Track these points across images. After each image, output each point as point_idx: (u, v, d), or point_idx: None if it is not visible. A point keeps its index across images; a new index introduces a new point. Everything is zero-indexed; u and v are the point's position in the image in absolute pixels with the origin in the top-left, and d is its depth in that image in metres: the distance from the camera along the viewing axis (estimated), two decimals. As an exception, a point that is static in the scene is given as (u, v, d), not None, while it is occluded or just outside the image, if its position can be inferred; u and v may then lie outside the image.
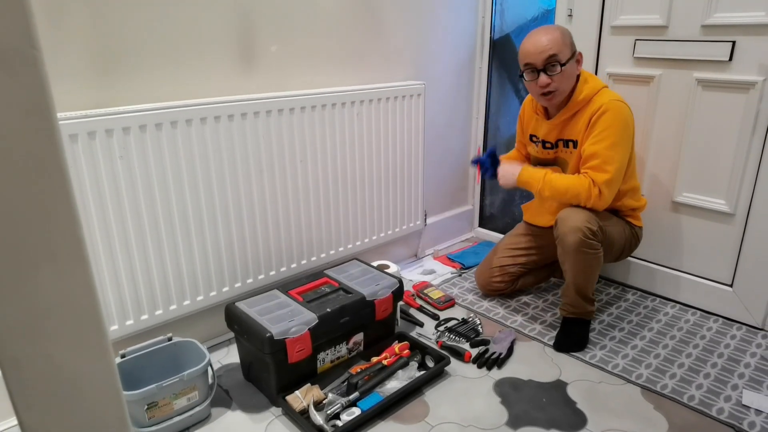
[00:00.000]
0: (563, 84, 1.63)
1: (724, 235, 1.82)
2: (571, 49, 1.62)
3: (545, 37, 1.60)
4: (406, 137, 2.05)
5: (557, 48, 1.59)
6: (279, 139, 1.66)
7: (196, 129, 1.47)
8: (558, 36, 1.59)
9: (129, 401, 1.26)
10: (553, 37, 1.59)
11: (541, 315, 1.90)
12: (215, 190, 1.55)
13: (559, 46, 1.59)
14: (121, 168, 1.37)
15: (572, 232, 1.57)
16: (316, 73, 1.79)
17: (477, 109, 2.46)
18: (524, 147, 1.96)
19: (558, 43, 1.59)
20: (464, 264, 2.30)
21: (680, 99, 1.82)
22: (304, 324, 1.42)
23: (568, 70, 1.61)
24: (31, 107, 0.34)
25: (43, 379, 0.41)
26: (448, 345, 1.70)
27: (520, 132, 1.93)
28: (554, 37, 1.59)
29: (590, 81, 1.65)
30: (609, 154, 1.58)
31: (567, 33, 1.63)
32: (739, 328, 1.81)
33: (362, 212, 1.99)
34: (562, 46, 1.59)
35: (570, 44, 1.62)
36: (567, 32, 1.63)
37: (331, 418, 1.36)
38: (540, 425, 1.38)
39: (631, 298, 2.02)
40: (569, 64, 1.61)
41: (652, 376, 1.56)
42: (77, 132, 1.28)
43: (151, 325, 1.52)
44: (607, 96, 1.61)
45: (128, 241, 1.42)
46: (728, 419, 1.39)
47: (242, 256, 1.66)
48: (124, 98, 1.41)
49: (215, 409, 1.45)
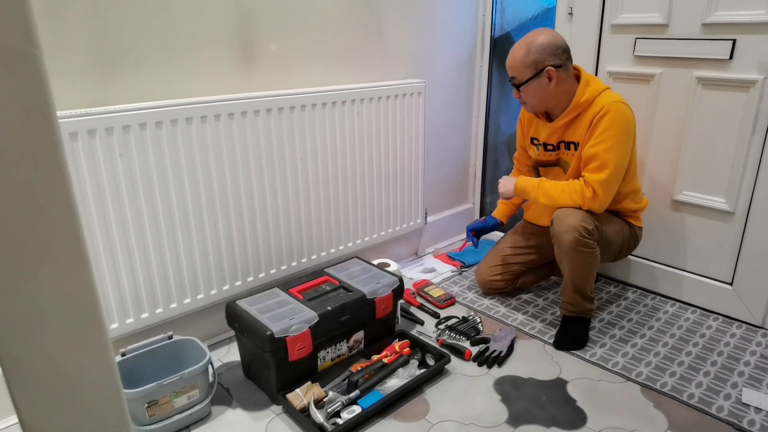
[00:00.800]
0: (531, 99, 1.68)
1: (724, 233, 1.82)
2: (534, 68, 1.61)
3: (510, 56, 1.66)
4: (407, 135, 2.05)
5: (515, 71, 1.65)
6: (279, 138, 1.66)
7: (196, 127, 1.47)
8: (518, 57, 1.63)
9: (129, 399, 1.26)
10: (514, 58, 1.64)
11: (542, 313, 1.90)
12: (215, 188, 1.55)
13: (517, 68, 1.64)
14: (122, 166, 1.37)
15: (568, 232, 1.57)
16: (316, 71, 1.79)
17: (477, 107, 2.46)
18: (522, 152, 1.96)
19: (516, 66, 1.64)
20: (465, 262, 2.30)
21: (680, 97, 1.81)
22: (304, 322, 1.42)
23: (531, 89, 1.65)
24: (31, 106, 0.34)
25: (43, 377, 0.41)
26: (448, 343, 1.70)
27: (521, 136, 1.93)
28: (514, 58, 1.64)
29: (592, 83, 1.65)
30: (608, 156, 1.58)
31: (535, 48, 1.60)
32: (739, 327, 1.81)
33: (362, 210, 1.99)
34: (520, 69, 1.63)
35: (532, 63, 1.61)
36: (536, 47, 1.60)
37: (332, 416, 1.36)
38: (540, 423, 1.38)
39: (632, 296, 2.02)
40: (530, 83, 1.63)
41: (652, 374, 1.56)
42: (77, 130, 1.28)
43: (152, 323, 1.52)
44: (609, 98, 1.61)
45: (128, 239, 1.42)
46: (728, 417, 1.39)
47: (242, 255, 1.67)
48: (124, 96, 1.41)
49: (216, 408, 1.45)
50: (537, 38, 1.61)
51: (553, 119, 1.72)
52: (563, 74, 1.63)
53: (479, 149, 2.52)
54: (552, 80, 1.62)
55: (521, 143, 1.94)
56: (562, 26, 2.05)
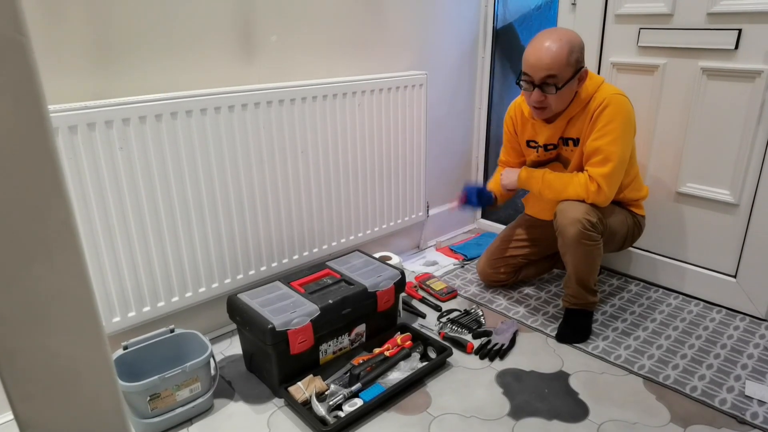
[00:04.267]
0: (557, 103, 1.57)
1: (728, 225, 1.81)
2: (575, 67, 1.52)
3: (549, 53, 1.48)
4: (408, 128, 2.04)
5: (558, 69, 1.49)
6: (280, 130, 1.65)
7: (196, 120, 1.47)
8: (564, 54, 1.48)
9: (131, 392, 1.26)
10: (557, 55, 1.48)
11: (544, 306, 1.90)
12: (216, 181, 1.55)
13: (561, 66, 1.49)
14: (121, 159, 1.37)
15: (572, 224, 1.56)
16: (316, 63, 1.78)
17: (479, 99, 2.44)
18: (513, 155, 1.88)
19: (561, 64, 1.48)
20: (467, 255, 2.30)
21: (685, 88, 1.80)
22: (305, 315, 1.42)
23: (566, 91, 1.54)
24: (20, 95, 0.33)
25: (38, 371, 0.41)
26: (450, 336, 1.69)
27: (510, 138, 1.84)
28: (559, 55, 1.48)
29: (590, 78, 1.63)
30: (611, 150, 1.56)
31: (576, 47, 1.51)
32: (743, 319, 1.80)
33: (364, 203, 1.98)
34: (564, 67, 1.49)
35: (575, 62, 1.51)
36: (577, 46, 1.51)
37: (333, 409, 1.36)
38: (542, 416, 1.38)
39: (634, 289, 2.01)
40: (568, 85, 1.52)
41: (654, 367, 1.56)
42: (77, 123, 1.27)
43: (154, 316, 1.52)
44: (608, 90, 1.59)
45: (129, 232, 1.42)
46: (731, 410, 1.38)
47: (244, 248, 1.66)
48: (123, 89, 1.40)
49: (218, 400, 1.45)
50: (573, 36, 1.52)
51: (553, 120, 1.67)
52: None
53: (481, 141, 2.51)
54: (582, 82, 1.56)
55: (512, 146, 1.86)
56: (566, 16, 2.03)
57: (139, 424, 1.30)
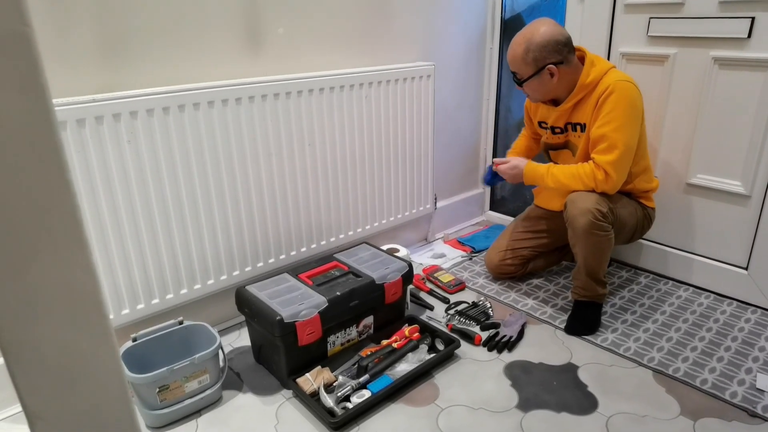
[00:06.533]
0: (534, 93, 1.68)
1: (739, 217, 1.79)
2: (535, 65, 1.59)
3: (510, 51, 1.63)
4: (416, 120, 2.03)
5: (516, 67, 1.63)
6: (287, 123, 1.65)
7: (204, 113, 1.47)
8: (519, 54, 1.60)
9: (140, 384, 1.27)
10: (514, 54, 1.62)
11: (552, 298, 1.89)
12: (224, 174, 1.55)
13: (518, 65, 1.62)
14: (129, 152, 1.37)
15: (582, 215, 1.55)
16: (323, 55, 1.77)
17: (488, 90, 2.42)
18: (531, 132, 1.96)
19: (517, 62, 1.62)
20: (475, 247, 2.29)
21: (696, 78, 1.77)
22: (313, 307, 1.43)
23: (533, 85, 1.64)
24: (24, 86, 0.33)
25: (45, 362, 0.41)
26: (458, 328, 1.69)
27: (528, 119, 1.93)
28: (515, 54, 1.61)
29: (597, 63, 1.62)
30: (616, 137, 1.55)
31: (534, 47, 1.57)
32: (754, 312, 1.78)
33: (371, 196, 1.98)
34: (521, 65, 1.61)
35: (533, 61, 1.58)
36: (535, 45, 1.57)
37: (342, 401, 1.36)
38: (550, 408, 1.38)
39: (644, 281, 2.00)
40: (531, 80, 1.62)
41: (664, 360, 1.55)
42: (85, 117, 1.28)
43: (162, 309, 1.53)
44: (614, 76, 1.58)
45: (138, 225, 1.43)
46: (741, 403, 1.37)
47: (252, 240, 1.67)
48: (131, 83, 1.40)
49: (226, 392, 1.46)
50: (535, 35, 1.57)
51: (560, 103, 1.70)
52: (565, 68, 1.61)
53: (490, 133, 2.49)
54: (554, 76, 1.61)
55: (528, 125, 1.96)
56: (574, 7, 2.01)
57: (149, 415, 1.31)
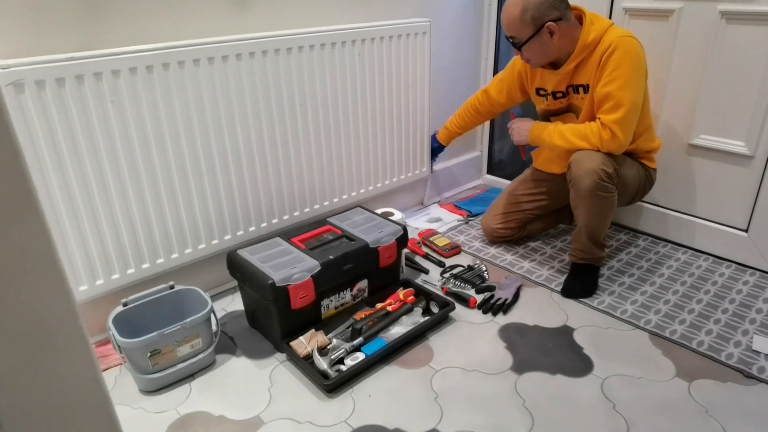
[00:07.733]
0: (535, 56, 1.60)
1: (741, 178, 1.75)
2: (534, 24, 1.52)
3: (505, 14, 1.57)
4: (411, 78, 1.97)
5: (514, 30, 1.56)
6: (276, 81, 1.59)
7: (189, 71, 1.41)
8: (516, 15, 1.53)
9: (131, 348, 1.26)
10: (509, 16, 1.55)
11: (549, 261, 1.87)
12: (212, 135, 1.50)
13: (515, 27, 1.55)
14: (113, 113, 1.32)
15: (587, 175, 1.52)
16: (314, 10, 1.70)
17: (486, 48, 2.35)
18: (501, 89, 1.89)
19: (515, 24, 1.55)
20: (471, 211, 2.26)
21: (701, 34, 1.71)
22: (306, 271, 1.40)
23: (533, 47, 1.57)
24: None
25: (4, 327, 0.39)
26: (453, 291, 1.68)
27: (517, 86, 1.84)
28: (511, 17, 1.55)
29: (596, 22, 1.56)
30: (621, 94, 1.51)
31: (532, 5, 1.51)
32: (753, 274, 1.76)
33: (366, 158, 1.93)
34: (519, 26, 1.54)
35: (531, 20, 1.52)
36: (534, 4, 1.50)
37: (335, 363, 1.35)
38: (545, 370, 1.37)
39: (642, 243, 1.98)
40: (531, 42, 1.56)
41: (661, 322, 1.54)
42: (64, 76, 1.22)
43: (153, 273, 1.51)
44: (616, 33, 1.52)
45: (125, 188, 1.39)
46: (737, 364, 1.37)
47: (243, 204, 1.63)
48: (112, 40, 1.34)
49: (220, 356, 1.45)
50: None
51: (559, 66, 1.63)
52: (564, 25, 1.54)
53: (488, 94, 2.42)
54: (554, 35, 1.54)
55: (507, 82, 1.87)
56: (577, -42, 1.92)
57: (141, 379, 1.30)
